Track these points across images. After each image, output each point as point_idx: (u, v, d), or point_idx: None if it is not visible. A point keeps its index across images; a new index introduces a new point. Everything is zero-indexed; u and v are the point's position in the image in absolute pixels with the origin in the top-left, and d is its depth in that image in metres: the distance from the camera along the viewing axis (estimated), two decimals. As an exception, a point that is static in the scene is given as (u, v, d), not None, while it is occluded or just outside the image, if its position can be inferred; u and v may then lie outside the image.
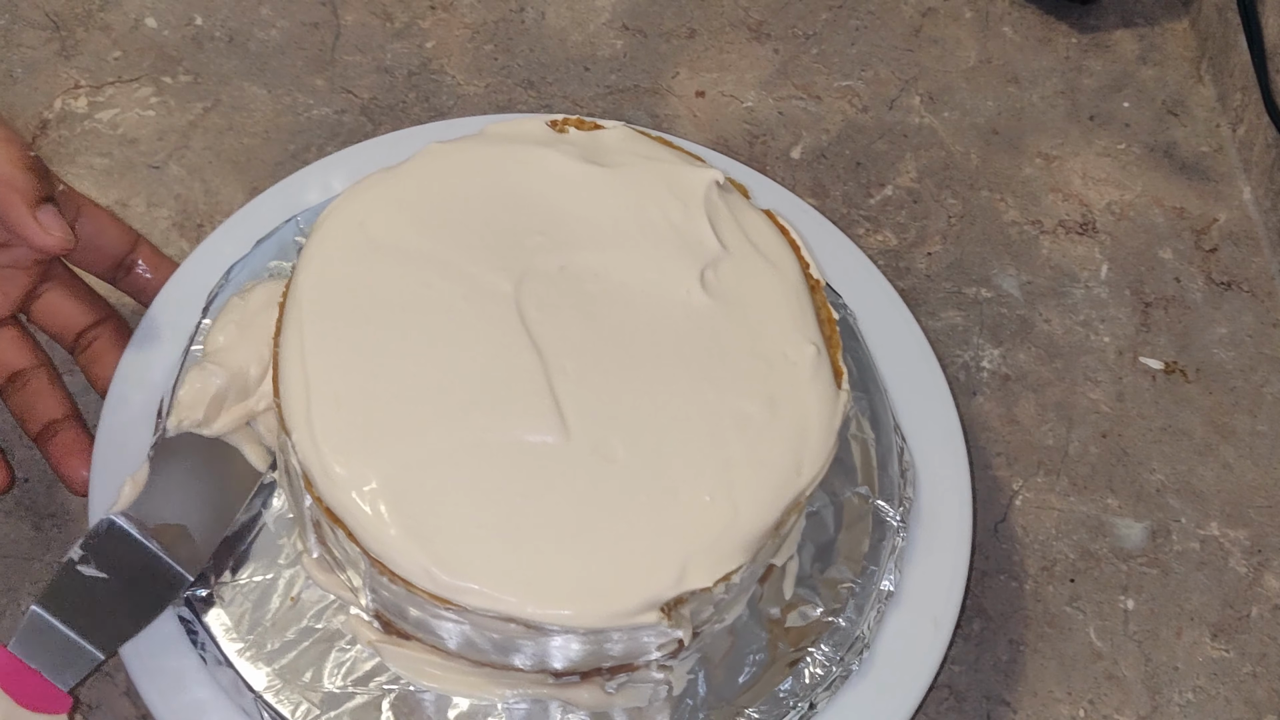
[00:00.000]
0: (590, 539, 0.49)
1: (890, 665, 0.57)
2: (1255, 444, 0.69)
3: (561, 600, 0.49)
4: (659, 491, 0.50)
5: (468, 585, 0.48)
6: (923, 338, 0.65)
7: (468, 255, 0.54)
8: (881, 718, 0.56)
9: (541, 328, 0.53)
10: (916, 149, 0.78)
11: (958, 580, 0.59)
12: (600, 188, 0.57)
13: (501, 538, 0.49)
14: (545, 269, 0.54)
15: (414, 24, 0.80)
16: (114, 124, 0.74)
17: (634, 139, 0.59)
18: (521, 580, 0.49)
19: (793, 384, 0.53)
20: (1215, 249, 0.76)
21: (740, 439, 0.52)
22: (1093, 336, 0.72)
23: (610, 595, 0.49)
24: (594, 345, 0.53)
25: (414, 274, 0.53)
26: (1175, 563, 0.66)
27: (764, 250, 0.57)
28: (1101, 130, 0.80)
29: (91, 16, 0.78)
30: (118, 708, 0.58)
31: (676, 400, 0.52)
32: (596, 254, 0.55)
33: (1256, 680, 0.63)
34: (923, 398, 0.63)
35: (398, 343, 0.52)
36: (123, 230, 0.62)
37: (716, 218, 0.57)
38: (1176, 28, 0.85)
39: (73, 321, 0.61)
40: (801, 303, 0.56)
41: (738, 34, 0.82)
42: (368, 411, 0.50)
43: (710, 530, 0.50)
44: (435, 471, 0.50)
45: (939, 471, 0.61)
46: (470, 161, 0.57)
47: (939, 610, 0.58)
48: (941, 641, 0.57)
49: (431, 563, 0.48)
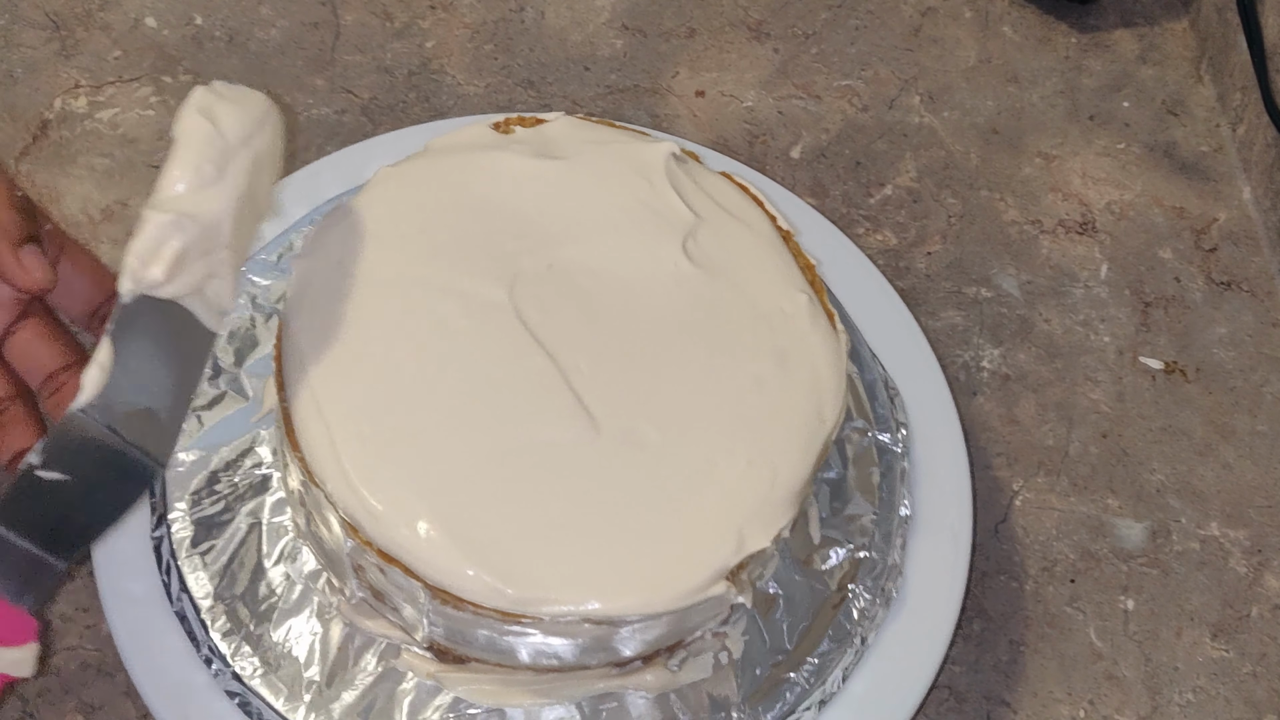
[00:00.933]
0: (645, 525, 0.50)
1: (922, 588, 0.58)
2: (1255, 444, 0.69)
3: (633, 591, 0.49)
4: (698, 466, 0.51)
5: (540, 596, 0.48)
6: (923, 338, 0.65)
7: (454, 272, 0.54)
8: (922, 639, 0.57)
9: (545, 329, 0.53)
10: (916, 148, 0.78)
11: (958, 583, 0.59)
12: (563, 180, 0.57)
13: (560, 542, 0.49)
14: (533, 270, 0.54)
15: (414, 24, 0.80)
16: (114, 124, 0.74)
17: (579, 126, 0.59)
18: (590, 580, 0.49)
19: (795, 336, 0.54)
20: (1215, 249, 0.76)
21: (761, 399, 0.53)
22: (1093, 336, 0.72)
23: (679, 576, 0.49)
24: (600, 337, 0.53)
25: (406, 301, 0.53)
26: (1175, 563, 0.66)
27: (734, 211, 0.57)
28: (1101, 130, 0.80)
29: (91, 16, 0.78)
30: (118, 708, 0.58)
31: (692, 375, 0.53)
32: (578, 246, 0.55)
33: (1256, 680, 0.63)
34: (923, 398, 0.63)
35: (409, 371, 0.52)
36: (104, 277, 0.59)
37: (682, 188, 0.57)
38: (1176, 27, 0.85)
39: (43, 363, 0.57)
40: (782, 255, 0.57)
41: (737, 34, 0.82)
42: (397, 445, 0.50)
43: (757, 492, 0.51)
44: (478, 490, 0.50)
45: (939, 472, 0.61)
46: (426, 179, 0.56)
47: (955, 525, 0.60)
48: (964, 558, 0.59)
49: (498, 580, 0.48)
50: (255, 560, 0.56)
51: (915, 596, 0.58)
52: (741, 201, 0.58)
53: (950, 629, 0.58)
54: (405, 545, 0.49)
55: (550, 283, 0.54)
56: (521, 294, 0.54)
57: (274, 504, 0.57)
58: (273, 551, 0.56)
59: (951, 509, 0.60)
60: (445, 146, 0.58)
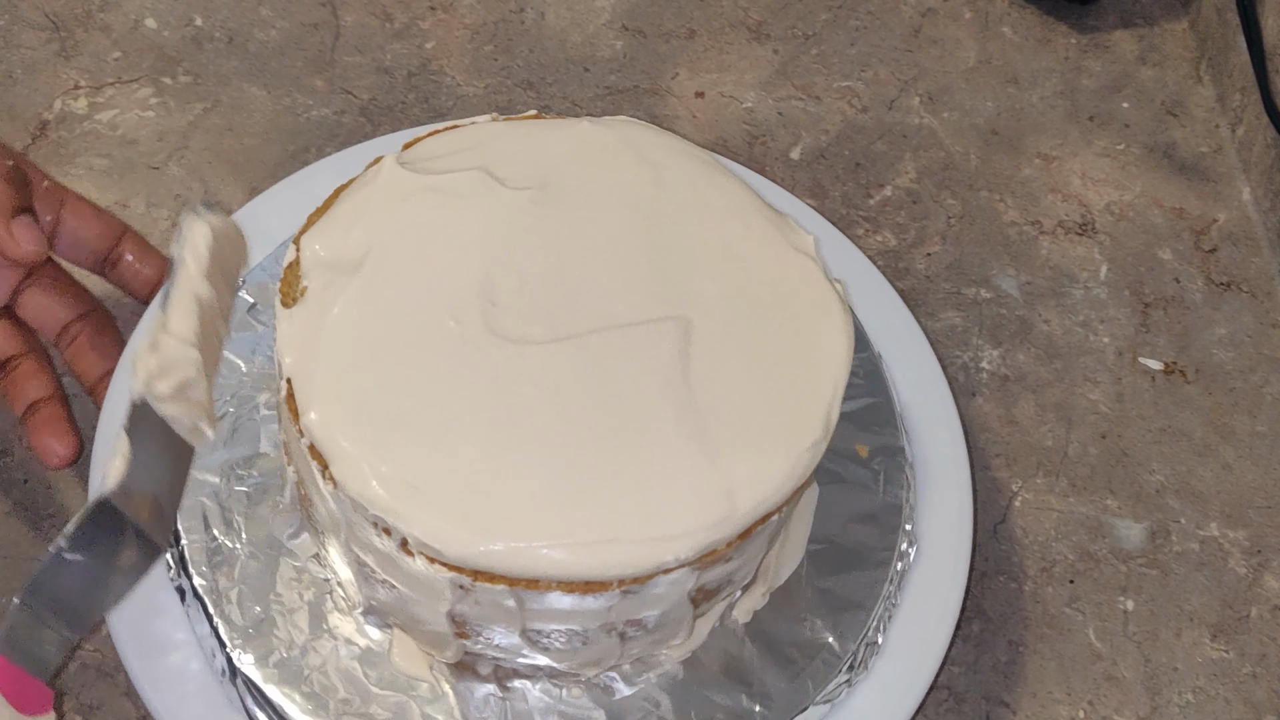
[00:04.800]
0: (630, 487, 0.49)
1: (921, 588, 0.59)
2: (1255, 444, 0.69)
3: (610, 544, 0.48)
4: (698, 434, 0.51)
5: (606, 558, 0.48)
6: (923, 338, 0.65)
7: (439, 308, 0.52)
8: (922, 640, 0.58)
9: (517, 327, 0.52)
10: (916, 149, 0.78)
11: (957, 583, 0.59)
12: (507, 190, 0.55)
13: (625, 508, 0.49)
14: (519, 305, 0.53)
15: (413, 24, 0.80)
16: (114, 125, 0.74)
17: (455, 135, 0.58)
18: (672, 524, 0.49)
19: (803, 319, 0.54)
20: (1215, 249, 0.76)
21: (765, 385, 0.52)
22: (1092, 337, 0.72)
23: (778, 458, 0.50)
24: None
25: (413, 339, 0.52)
26: (1175, 563, 0.66)
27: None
28: (1101, 131, 0.80)
29: (91, 17, 0.78)
30: (118, 708, 0.58)
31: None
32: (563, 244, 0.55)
33: (1256, 681, 0.63)
34: (923, 398, 0.63)
35: (438, 404, 0.50)
36: (108, 224, 0.62)
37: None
38: (1176, 28, 0.85)
39: (55, 316, 0.61)
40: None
41: (737, 34, 0.82)
42: (440, 476, 0.49)
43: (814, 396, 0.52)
44: (510, 486, 0.49)
45: (939, 472, 0.61)
46: (363, 230, 0.54)
47: (955, 525, 0.60)
48: (963, 559, 0.60)
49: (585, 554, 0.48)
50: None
51: (915, 596, 0.58)
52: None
53: (950, 629, 0.58)
54: (532, 562, 0.48)
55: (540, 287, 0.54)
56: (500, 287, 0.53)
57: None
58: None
59: (951, 510, 0.60)
60: (363, 193, 0.56)
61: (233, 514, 0.56)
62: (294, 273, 0.53)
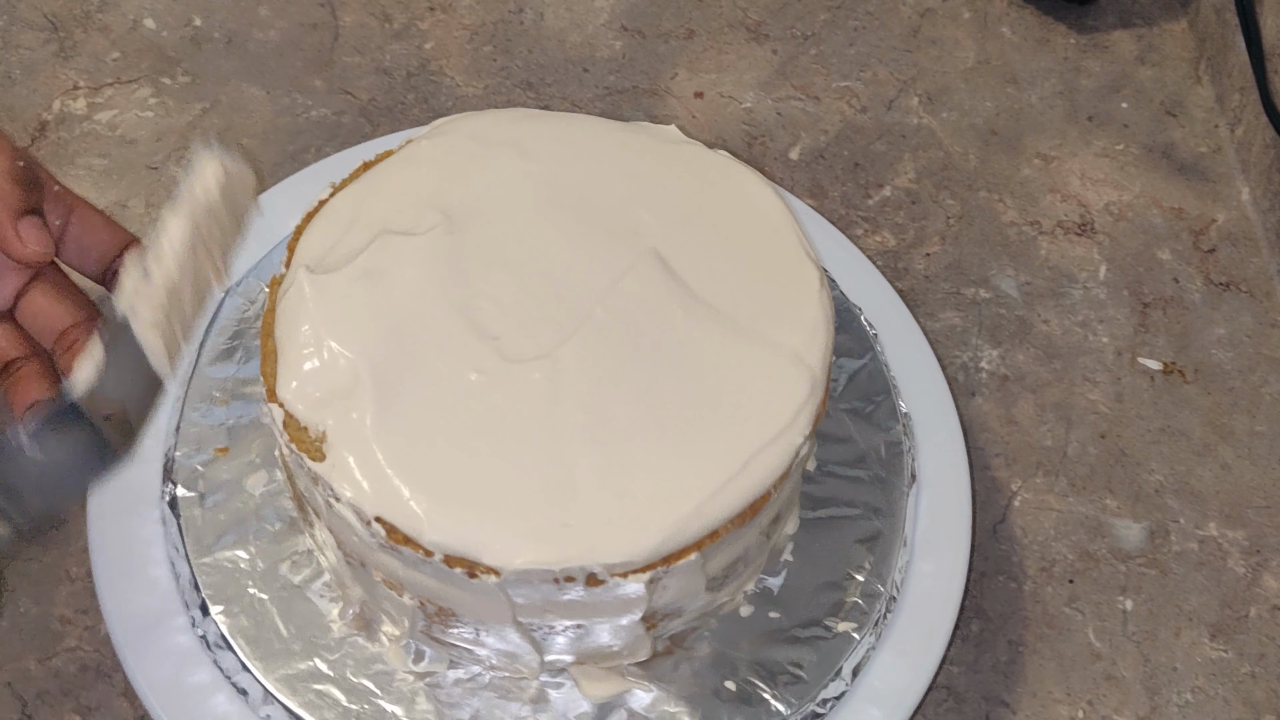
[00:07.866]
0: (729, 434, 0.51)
1: (921, 588, 0.59)
2: (1254, 444, 0.70)
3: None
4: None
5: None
6: (922, 338, 0.65)
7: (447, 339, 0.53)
8: (921, 640, 0.58)
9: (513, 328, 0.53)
10: (915, 150, 0.78)
11: (957, 583, 0.59)
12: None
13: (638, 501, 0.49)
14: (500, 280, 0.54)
15: (413, 25, 0.80)
16: (113, 125, 0.74)
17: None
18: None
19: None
20: (1214, 249, 0.76)
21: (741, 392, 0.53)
22: (1091, 337, 0.72)
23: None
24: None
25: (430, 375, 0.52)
26: (1174, 563, 0.66)
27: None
28: (1100, 131, 0.80)
29: (90, 18, 0.78)
30: (117, 708, 0.58)
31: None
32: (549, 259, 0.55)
33: (1255, 680, 0.63)
34: (923, 398, 0.63)
35: (463, 434, 0.51)
36: (116, 233, 0.62)
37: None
38: (1175, 28, 0.85)
39: (54, 321, 0.60)
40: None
41: (736, 35, 0.82)
42: (455, 483, 0.50)
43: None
44: (510, 485, 0.49)
45: (939, 472, 0.61)
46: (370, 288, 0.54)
47: (954, 525, 0.60)
48: (963, 559, 0.60)
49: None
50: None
51: (914, 597, 0.58)
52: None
53: (949, 629, 0.58)
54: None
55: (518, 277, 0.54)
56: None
57: None
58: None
59: (950, 509, 0.60)
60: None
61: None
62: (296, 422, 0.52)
